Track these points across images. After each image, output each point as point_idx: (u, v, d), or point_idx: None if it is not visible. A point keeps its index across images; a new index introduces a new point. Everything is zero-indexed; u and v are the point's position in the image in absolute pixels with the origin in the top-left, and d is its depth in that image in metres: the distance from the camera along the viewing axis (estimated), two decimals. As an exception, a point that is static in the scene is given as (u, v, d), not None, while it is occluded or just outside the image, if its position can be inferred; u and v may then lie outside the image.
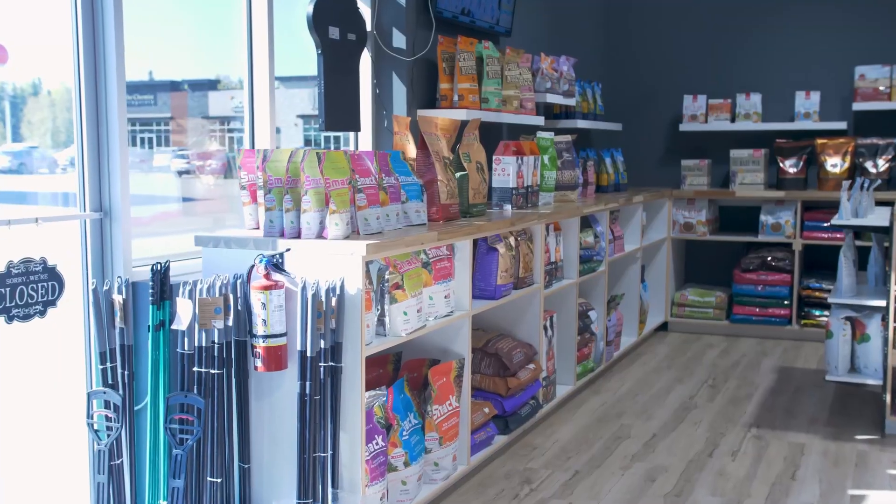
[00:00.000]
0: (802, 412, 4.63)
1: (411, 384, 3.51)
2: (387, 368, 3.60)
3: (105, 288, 2.76)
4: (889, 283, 4.17)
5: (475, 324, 4.15)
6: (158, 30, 3.44)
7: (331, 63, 3.92)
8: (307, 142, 4.49)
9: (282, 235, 2.98)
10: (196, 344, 2.74)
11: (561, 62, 5.49)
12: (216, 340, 2.78)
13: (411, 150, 3.77)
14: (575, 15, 6.60)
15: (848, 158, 6.27)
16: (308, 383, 2.75)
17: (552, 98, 5.29)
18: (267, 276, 2.81)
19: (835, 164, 6.30)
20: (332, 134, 4.52)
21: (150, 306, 2.84)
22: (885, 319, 4.25)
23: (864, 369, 4.34)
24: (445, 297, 3.43)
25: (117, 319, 2.76)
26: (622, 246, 5.58)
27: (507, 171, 4.22)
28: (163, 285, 2.86)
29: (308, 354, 2.74)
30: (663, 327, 6.70)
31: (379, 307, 3.07)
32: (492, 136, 5.17)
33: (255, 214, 3.18)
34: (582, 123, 5.88)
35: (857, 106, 6.28)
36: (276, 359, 2.81)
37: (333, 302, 2.77)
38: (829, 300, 4.34)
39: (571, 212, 4.58)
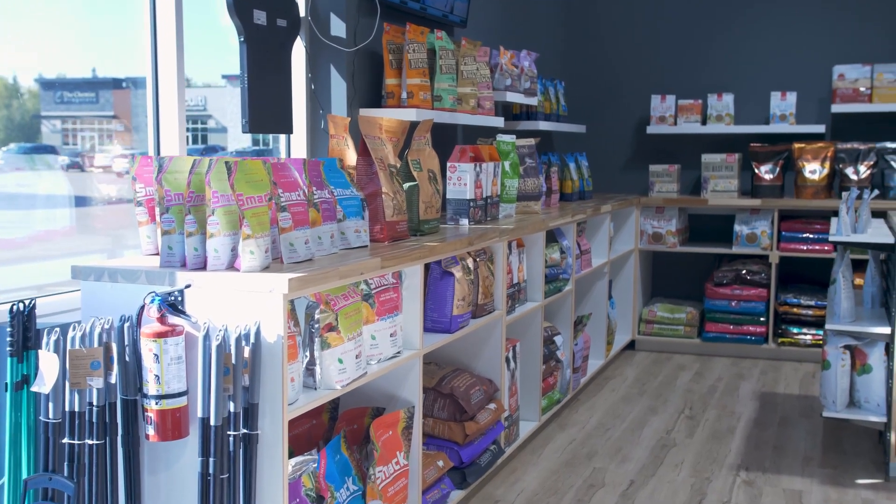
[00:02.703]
0: (793, 450, 4.13)
1: (351, 438, 2.92)
2: (321, 419, 3.00)
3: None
4: (894, 307, 3.68)
5: (427, 358, 3.57)
6: (99, 25, 3.09)
7: (256, 53, 3.32)
8: (255, 143, 3.90)
9: (183, 266, 2.38)
10: (66, 409, 2.13)
11: (522, 57, 4.94)
12: (95, 402, 2.17)
13: (351, 157, 3.18)
14: (534, 5, 6.05)
15: (827, 164, 5.81)
16: (212, 459, 2.14)
17: (512, 97, 4.73)
18: (161, 320, 2.20)
19: (813, 170, 5.83)
20: (265, 136, 3.91)
21: (9, 359, 2.21)
22: (889, 349, 3.76)
23: (865, 404, 3.85)
24: (391, 335, 2.84)
25: (-36, 378, 2.14)
26: (589, 261, 5.04)
27: (463, 180, 3.65)
28: (26, 331, 2.23)
29: (211, 423, 2.14)
30: (630, 345, 6.18)
31: (307, 354, 2.48)
32: (446, 139, 4.59)
33: (154, 237, 2.57)
34: (544, 125, 5.33)
35: (836, 108, 5.82)
36: (173, 425, 2.20)
37: (246, 353, 2.17)
38: (827, 327, 3.84)
39: (536, 225, 4.02)
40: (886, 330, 3.73)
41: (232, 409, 2.17)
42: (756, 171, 5.96)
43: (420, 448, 3.06)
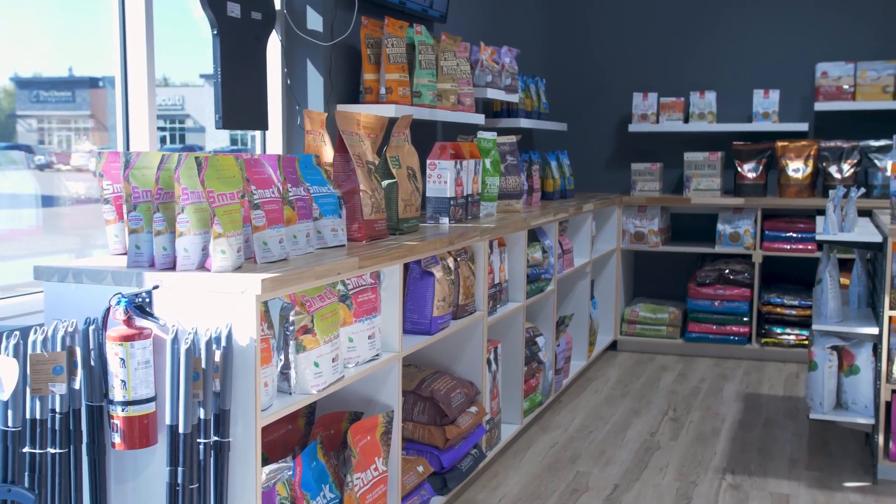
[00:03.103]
0: (779, 452, 4.07)
1: (328, 444, 2.83)
2: (297, 424, 2.91)
3: None
4: (881, 307, 3.63)
5: (407, 360, 3.48)
6: (75, 24, 3.02)
7: (229, 47, 3.22)
8: (233, 143, 3.80)
9: (151, 266, 2.28)
10: (27, 416, 2.02)
11: (502, 53, 4.85)
12: (58, 409, 2.06)
13: (328, 154, 3.09)
14: (514, 1, 5.97)
15: (810, 163, 5.76)
16: (181, 469, 2.04)
17: (493, 93, 4.65)
18: (128, 323, 2.10)
19: (797, 168, 5.78)
20: (243, 136, 3.81)
21: (-33, 364, 2.11)
22: (877, 349, 3.70)
23: (853, 405, 3.79)
24: (369, 337, 2.75)
25: (-82, 384, 2.03)
26: (571, 260, 4.96)
27: (443, 177, 3.56)
28: (-15, 335, 2.12)
29: (180, 430, 2.04)
30: (612, 346, 6.11)
31: (282, 357, 2.38)
32: (425, 136, 4.50)
33: (122, 236, 2.47)
34: (525, 122, 5.25)
35: (820, 106, 5.78)
36: (140, 432, 2.10)
37: (217, 357, 2.07)
38: (814, 327, 3.78)
39: (517, 224, 3.94)
40: (874, 330, 3.67)
41: (202, 416, 2.07)
42: (739, 169, 5.90)
43: (399, 453, 2.97)
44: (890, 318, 3.59)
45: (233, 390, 2.13)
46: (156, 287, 2.16)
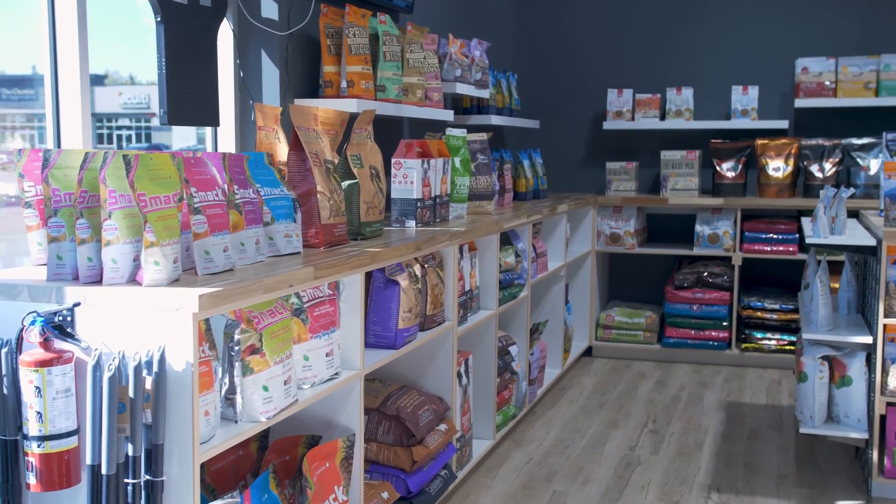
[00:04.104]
0: (766, 467, 3.85)
1: (282, 472, 2.56)
2: (248, 449, 2.64)
3: None
4: (875, 315, 3.42)
5: (371, 374, 3.22)
6: (36, 21, 2.78)
7: (176, 35, 2.94)
8: (201, 141, 3.54)
9: (75, 279, 2.00)
10: (-77, 457, 1.74)
11: (472, 46, 4.60)
12: (-39, 447, 1.78)
13: (282, 152, 2.83)
14: (486, -5, 5.73)
15: (791, 161, 5.57)
16: (104, 515, 1.77)
17: (463, 89, 4.40)
18: (45, 345, 1.83)
19: (777, 167, 5.58)
20: (214, 132, 3.53)
21: None
22: (870, 359, 3.50)
23: (845, 419, 3.58)
24: (327, 354, 2.48)
25: None
26: (545, 264, 4.72)
27: (409, 177, 3.31)
28: None
29: (103, 471, 1.76)
30: (587, 352, 5.88)
31: (226, 381, 2.12)
32: (390, 133, 4.24)
33: (45, 244, 2.19)
34: (496, 119, 5.01)
35: (800, 103, 5.58)
36: (59, 471, 1.83)
37: (148, 384, 1.80)
38: (804, 336, 3.56)
39: (489, 227, 3.69)
40: (867, 339, 3.46)
41: (131, 453, 1.80)
42: (717, 168, 5.70)
43: (362, 480, 2.71)
44: (884, 326, 3.38)
45: (167, 422, 1.86)
46: (77, 304, 1.89)
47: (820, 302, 3.55)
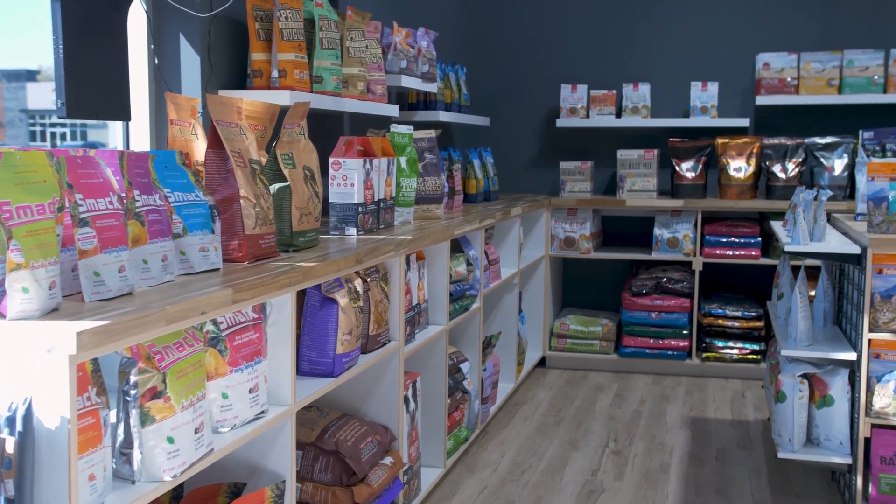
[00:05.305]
0: (739, 493, 3.55)
1: (198, 528, 2.17)
2: (160, 500, 2.24)
3: None
4: (860, 328, 3.14)
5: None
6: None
7: (76, 14, 2.52)
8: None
9: (-78, 310, 1.59)
10: None
11: (419, 36, 4.24)
12: None
13: (200, 151, 2.43)
14: (432, -17, 5.37)
15: (753, 161, 5.30)
16: None
17: (409, 82, 4.03)
18: None
19: (738, 167, 5.32)
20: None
21: None
22: (853, 377, 3.21)
23: (826, 442, 3.29)
24: (251, 390, 2.09)
25: None
26: (498, 272, 4.38)
27: (350, 179, 2.93)
28: None
29: (-55, 567, 1.37)
30: (541, 362, 5.55)
31: (121, 432, 1.72)
32: (328, 130, 3.86)
33: None
34: (444, 116, 4.64)
35: (761, 100, 5.33)
36: None
37: (10, 447, 1.41)
38: (784, 353, 3.26)
39: (439, 234, 3.33)
40: (851, 355, 3.18)
41: (-13, 536, 1.40)
42: (676, 168, 5.41)
43: (294, 532, 2.33)
44: (869, 341, 3.10)
45: (36, 492, 1.46)
46: (-82, 345, 1.48)
47: (799, 315, 3.26)
